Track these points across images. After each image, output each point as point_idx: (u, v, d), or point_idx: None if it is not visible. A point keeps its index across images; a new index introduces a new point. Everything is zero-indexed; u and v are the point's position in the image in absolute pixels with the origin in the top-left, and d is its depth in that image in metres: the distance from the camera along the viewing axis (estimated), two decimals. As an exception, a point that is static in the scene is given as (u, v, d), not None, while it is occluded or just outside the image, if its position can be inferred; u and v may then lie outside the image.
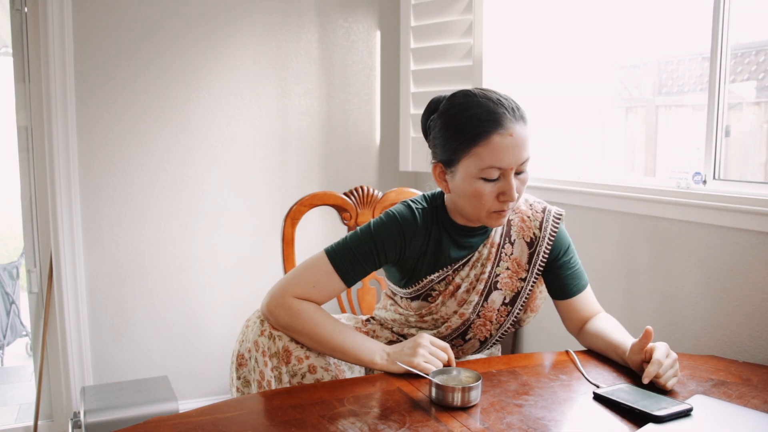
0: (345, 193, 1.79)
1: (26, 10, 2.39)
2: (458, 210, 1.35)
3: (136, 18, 2.45)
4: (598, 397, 1.14)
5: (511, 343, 1.74)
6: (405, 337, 1.46)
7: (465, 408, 1.10)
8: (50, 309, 2.47)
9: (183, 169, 2.57)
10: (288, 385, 1.27)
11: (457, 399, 1.09)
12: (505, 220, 1.31)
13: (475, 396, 1.11)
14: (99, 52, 2.42)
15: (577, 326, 1.44)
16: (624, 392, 1.14)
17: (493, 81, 2.33)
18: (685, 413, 1.06)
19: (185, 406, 2.56)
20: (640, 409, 1.06)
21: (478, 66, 2.31)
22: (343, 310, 1.78)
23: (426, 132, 1.36)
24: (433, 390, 1.12)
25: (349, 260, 1.32)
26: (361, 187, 1.80)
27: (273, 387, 1.28)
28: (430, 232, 1.36)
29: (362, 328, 1.50)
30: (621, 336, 1.33)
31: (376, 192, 1.80)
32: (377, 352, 1.27)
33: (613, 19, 2.19)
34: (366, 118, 2.84)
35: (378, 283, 1.85)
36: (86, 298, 2.47)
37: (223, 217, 2.65)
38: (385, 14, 2.81)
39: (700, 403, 1.11)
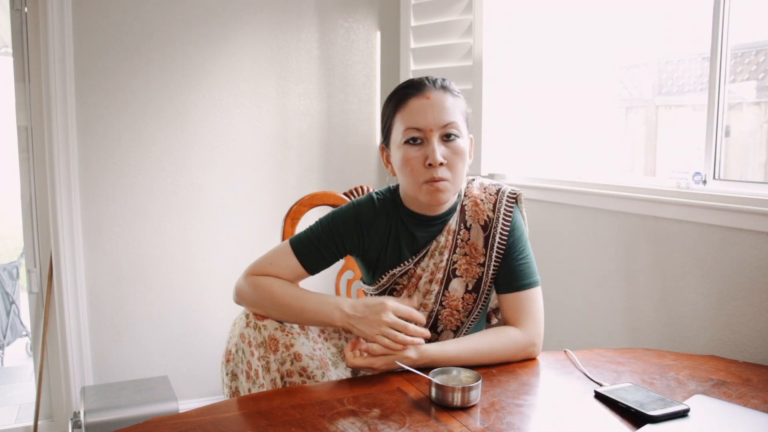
0: (345, 193, 1.79)
1: (26, 10, 2.39)
2: (405, 193, 1.37)
3: (136, 18, 2.45)
4: (599, 396, 1.14)
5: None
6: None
7: (465, 408, 1.10)
8: (50, 309, 2.47)
9: (183, 169, 2.57)
10: (276, 374, 1.29)
11: (457, 399, 1.10)
12: (444, 197, 1.29)
13: (475, 396, 1.11)
14: (99, 52, 2.42)
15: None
16: (625, 392, 1.14)
17: (493, 81, 2.33)
18: (682, 414, 1.06)
19: (185, 406, 2.56)
20: (636, 408, 1.07)
21: (478, 66, 2.31)
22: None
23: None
24: (433, 390, 1.12)
25: (307, 244, 1.38)
26: (361, 187, 1.80)
27: (260, 376, 1.29)
28: (390, 224, 1.38)
29: None
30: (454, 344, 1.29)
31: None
32: (335, 312, 1.28)
33: (613, 19, 2.19)
34: (366, 118, 2.84)
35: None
36: (86, 298, 2.47)
37: (223, 216, 2.65)
38: (385, 14, 2.81)
39: (700, 403, 1.11)
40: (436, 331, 1.41)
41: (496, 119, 2.37)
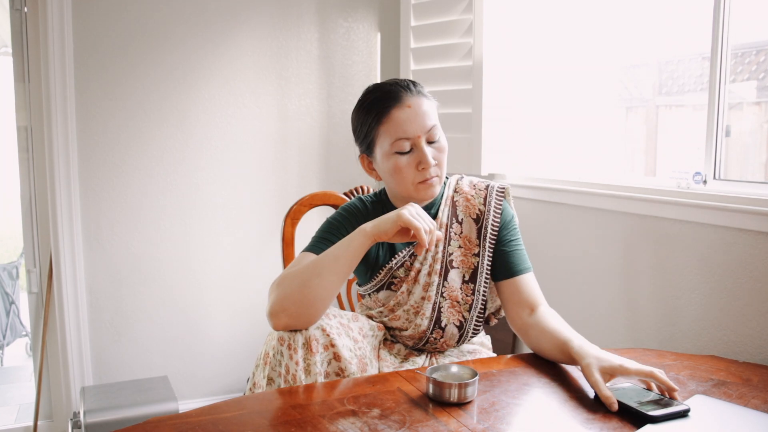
0: (345, 193, 1.79)
1: (26, 10, 2.39)
2: (394, 194, 1.45)
3: (136, 18, 2.45)
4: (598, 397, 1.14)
5: (511, 343, 1.74)
6: (396, 338, 1.49)
7: (461, 404, 1.10)
8: (50, 309, 2.47)
9: (183, 169, 2.57)
10: (319, 375, 1.23)
11: (453, 395, 1.11)
12: (435, 191, 1.38)
13: (472, 392, 1.12)
14: (99, 52, 2.42)
15: (521, 315, 1.38)
16: (626, 391, 1.14)
17: (493, 81, 2.33)
18: (682, 414, 1.06)
19: (185, 406, 2.56)
20: (636, 408, 1.07)
21: (478, 66, 2.31)
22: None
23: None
24: (431, 386, 1.13)
25: (319, 244, 1.41)
26: (361, 187, 1.80)
27: (301, 381, 1.22)
28: (380, 215, 1.43)
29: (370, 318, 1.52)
30: (570, 334, 1.28)
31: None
32: (359, 235, 1.28)
33: (614, 19, 2.19)
34: (366, 118, 2.84)
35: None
36: (86, 298, 2.47)
37: (224, 216, 2.65)
38: (385, 14, 2.81)
39: (700, 403, 1.11)
40: (440, 326, 1.43)
41: (496, 119, 2.37)
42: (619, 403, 1.09)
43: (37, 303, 2.53)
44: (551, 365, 1.31)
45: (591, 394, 1.16)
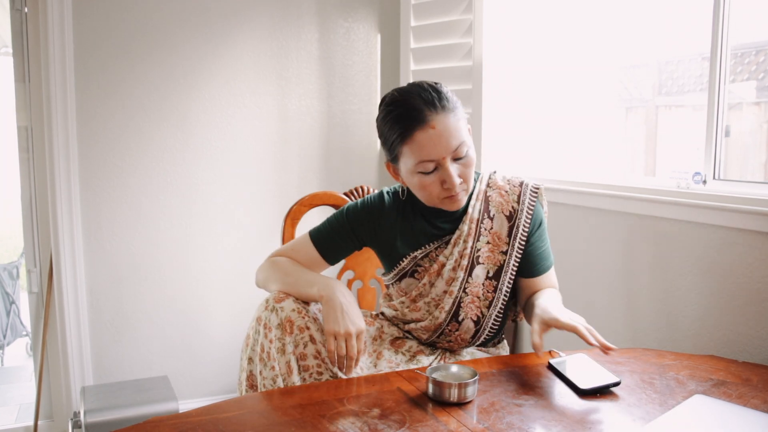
0: (345, 193, 1.79)
1: (26, 10, 2.39)
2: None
3: (137, 18, 2.45)
4: (550, 367, 1.25)
5: (512, 343, 1.73)
6: (410, 333, 1.51)
7: (461, 404, 1.10)
8: (50, 309, 2.47)
9: (183, 170, 2.57)
10: (292, 356, 1.30)
11: (453, 395, 1.11)
12: (462, 203, 1.37)
13: (472, 392, 1.12)
14: (99, 52, 2.42)
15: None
16: (573, 363, 1.24)
17: (493, 81, 2.33)
18: (612, 386, 1.16)
19: (185, 406, 2.56)
20: (570, 379, 1.18)
21: (478, 66, 2.31)
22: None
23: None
24: (430, 386, 1.13)
25: (327, 238, 1.47)
26: (361, 187, 1.80)
27: (272, 358, 1.29)
28: (402, 212, 1.45)
29: (373, 321, 1.55)
30: (546, 301, 1.37)
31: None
32: (313, 291, 1.34)
33: (614, 19, 2.19)
34: (366, 118, 2.84)
35: (378, 283, 1.85)
36: (86, 298, 2.47)
37: (224, 216, 2.65)
38: (386, 14, 2.81)
39: (699, 403, 1.11)
40: (457, 320, 1.43)
41: (496, 119, 2.37)
42: (561, 373, 1.21)
43: (38, 303, 2.53)
44: (550, 365, 1.31)
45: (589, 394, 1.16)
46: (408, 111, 1.30)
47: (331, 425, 1.02)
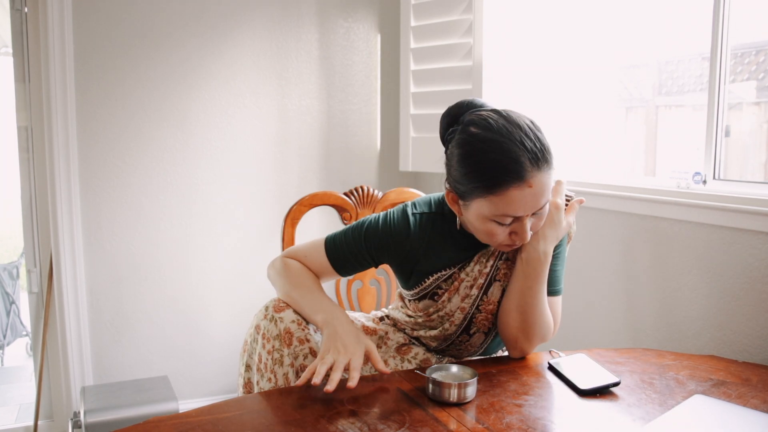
0: (345, 193, 1.79)
1: (26, 10, 2.39)
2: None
3: (136, 18, 2.45)
4: (550, 367, 1.26)
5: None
6: (418, 339, 1.46)
7: (461, 404, 1.10)
8: (50, 309, 2.47)
9: (183, 170, 2.57)
10: (290, 368, 1.26)
11: (453, 395, 1.11)
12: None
13: (471, 392, 1.12)
14: (99, 52, 2.42)
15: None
16: (573, 363, 1.24)
17: (493, 81, 2.33)
18: (612, 386, 1.16)
19: (185, 406, 2.56)
20: (569, 380, 1.18)
21: (478, 66, 2.31)
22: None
23: (443, 139, 1.29)
24: (430, 386, 1.13)
25: (341, 253, 1.37)
26: (361, 187, 1.80)
27: (269, 369, 1.27)
28: (428, 239, 1.33)
29: (376, 326, 1.49)
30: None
31: (376, 192, 1.80)
32: (318, 317, 1.27)
33: (614, 19, 2.19)
34: (366, 118, 2.84)
35: (378, 283, 1.85)
36: (86, 298, 2.47)
37: (224, 217, 2.65)
38: (386, 14, 2.81)
39: (699, 403, 1.11)
40: (468, 333, 1.39)
41: (496, 119, 2.36)
42: (561, 373, 1.21)
43: (38, 303, 2.53)
44: (550, 365, 1.31)
45: (590, 394, 1.16)
46: (509, 161, 1.13)
47: (331, 425, 1.02)
